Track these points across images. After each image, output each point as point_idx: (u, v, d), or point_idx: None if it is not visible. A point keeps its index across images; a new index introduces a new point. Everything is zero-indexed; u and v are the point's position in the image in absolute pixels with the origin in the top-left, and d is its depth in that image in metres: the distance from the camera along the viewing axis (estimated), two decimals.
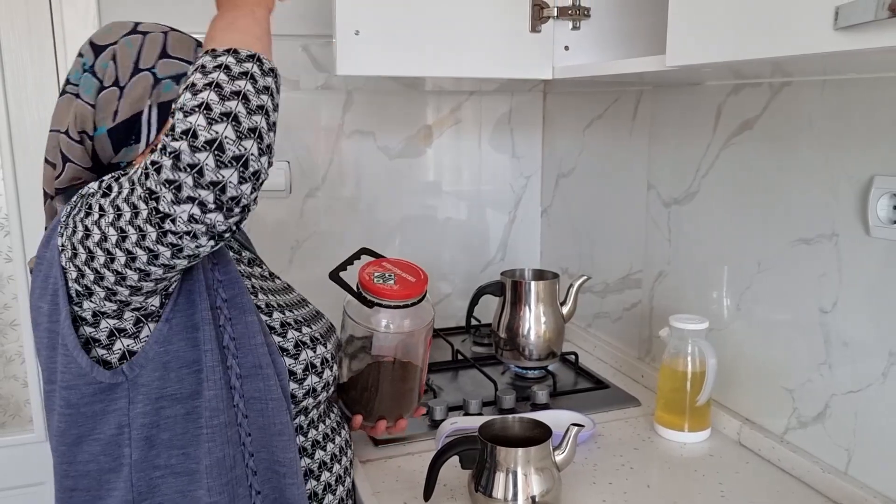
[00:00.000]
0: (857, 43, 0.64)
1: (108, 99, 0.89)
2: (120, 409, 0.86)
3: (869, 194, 0.99)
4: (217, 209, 0.73)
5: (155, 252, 0.76)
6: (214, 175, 0.71)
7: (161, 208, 0.73)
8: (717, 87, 1.25)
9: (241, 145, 0.73)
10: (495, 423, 1.06)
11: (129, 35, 0.92)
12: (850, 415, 1.05)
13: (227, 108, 0.73)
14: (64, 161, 0.91)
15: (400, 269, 1.06)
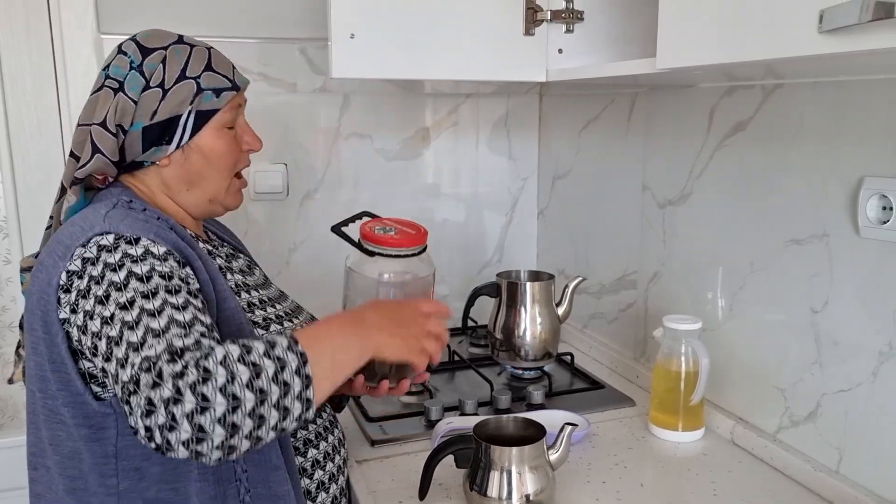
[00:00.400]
0: (841, 46, 0.65)
1: (151, 98, 0.94)
2: (107, 438, 0.86)
3: (859, 195, 1.00)
4: (151, 442, 0.71)
5: (113, 385, 0.78)
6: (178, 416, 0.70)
7: (129, 400, 0.73)
8: (711, 90, 1.27)
9: (213, 427, 0.71)
10: (490, 423, 1.07)
11: (177, 44, 0.97)
12: (840, 414, 1.06)
13: (242, 394, 0.72)
14: (93, 151, 0.93)
15: (400, 225, 1.09)
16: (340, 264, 1.65)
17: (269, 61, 1.65)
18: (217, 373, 0.72)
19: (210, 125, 0.97)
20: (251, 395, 0.72)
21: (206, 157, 0.98)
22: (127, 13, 1.55)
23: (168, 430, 0.70)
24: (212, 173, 0.99)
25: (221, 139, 0.99)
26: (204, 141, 0.98)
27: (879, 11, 0.59)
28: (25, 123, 1.53)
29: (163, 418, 0.70)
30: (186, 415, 0.70)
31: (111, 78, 0.95)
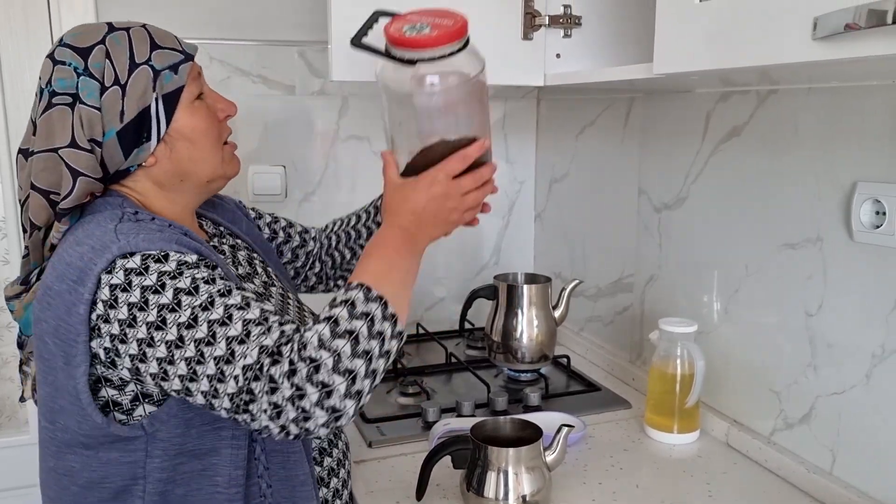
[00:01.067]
0: (834, 53, 0.66)
1: (113, 99, 0.86)
2: (136, 461, 0.85)
3: (852, 200, 1.01)
4: (287, 435, 0.77)
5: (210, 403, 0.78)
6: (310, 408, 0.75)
7: (250, 409, 0.76)
8: (706, 95, 1.28)
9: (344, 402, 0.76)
10: (487, 424, 1.08)
11: (112, 33, 0.88)
12: (834, 416, 1.07)
13: (353, 365, 0.77)
14: (74, 176, 0.85)
15: (431, 17, 0.90)
16: None
17: (268, 64, 1.66)
18: (323, 358, 0.75)
19: (181, 105, 0.90)
20: (360, 361, 0.77)
21: (189, 139, 0.91)
22: (127, 14, 1.55)
23: (303, 421, 0.76)
24: (201, 153, 0.93)
25: (197, 115, 0.92)
26: (182, 123, 0.90)
27: (872, 19, 0.61)
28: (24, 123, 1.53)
29: (294, 413, 0.75)
30: (315, 404, 0.75)
31: (59, 94, 0.85)
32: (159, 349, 0.78)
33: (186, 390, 0.79)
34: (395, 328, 0.81)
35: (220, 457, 0.87)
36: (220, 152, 0.96)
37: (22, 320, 0.94)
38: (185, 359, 0.77)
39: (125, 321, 0.78)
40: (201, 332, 0.77)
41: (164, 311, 0.78)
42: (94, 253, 0.80)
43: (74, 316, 0.79)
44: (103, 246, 0.80)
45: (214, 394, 0.77)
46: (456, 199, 0.94)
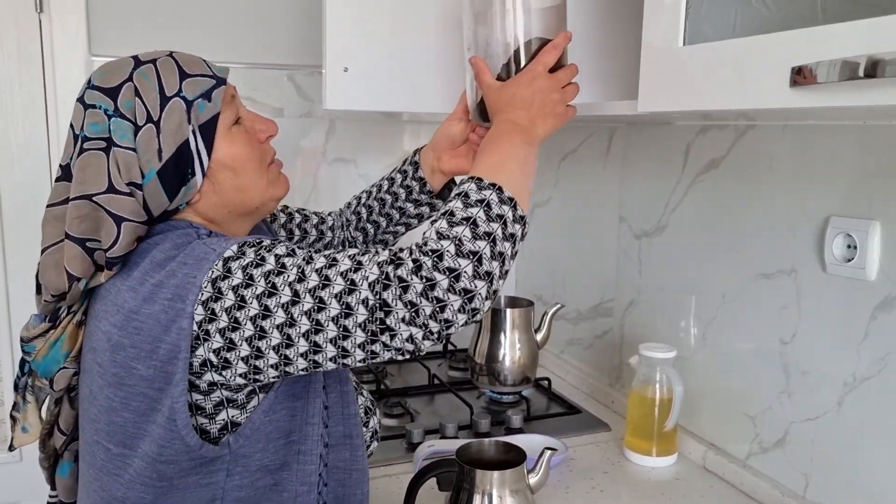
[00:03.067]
0: (810, 101, 0.70)
1: (147, 138, 0.82)
2: (216, 482, 0.84)
3: (825, 234, 1.05)
4: (430, 334, 0.76)
5: (341, 348, 0.77)
6: (443, 295, 0.74)
7: (388, 323, 0.75)
8: (687, 127, 1.32)
9: (474, 283, 0.76)
10: (472, 447, 1.10)
11: (138, 67, 0.85)
12: (807, 441, 1.10)
13: (476, 246, 0.77)
14: (118, 223, 0.81)
15: None
16: None
17: (258, 86, 1.68)
18: (444, 246, 0.76)
19: (219, 134, 0.86)
20: (483, 243, 0.77)
21: (232, 168, 0.88)
22: (118, 36, 1.57)
23: (440, 312, 0.75)
24: (246, 181, 0.90)
25: (237, 141, 0.88)
26: (222, 153, 0.87)
27: (846, 72, 0.65)
28: (12, 142, 1.54)
29: (430, 306, 0.74)
30: (447, 290, 0.74)
31: (91, 138, 0.82)
32: (277, 315, 0.76)
33: (314, 346, 0.77)
34: (515, 211, 0.81)
35: (290, 471, 0.87)
36: (265, 176, 0.93)
37: (45, 359, 0.89)
38: (306, 312, 0.76)
39: (233, 306, 0.77)
40: (313, 282, 0.76)
41: (272, 276, 0.77)
42: (190, 268, 0.79)
43: (175, 332, 0.77)
44: (198, 260, 0.79)
45: (345, 334, 0.76)
46: (558, 91, 0.97)
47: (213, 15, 1.63)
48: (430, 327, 0.75)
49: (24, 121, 1.54)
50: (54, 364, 0.90)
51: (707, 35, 0.83)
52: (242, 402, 0.83)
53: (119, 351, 0.81)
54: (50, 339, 0.89)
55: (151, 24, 1.59)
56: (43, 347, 0.88)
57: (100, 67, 0.88)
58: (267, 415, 0.84)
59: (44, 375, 0.91)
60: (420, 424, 1.36)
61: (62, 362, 0.90)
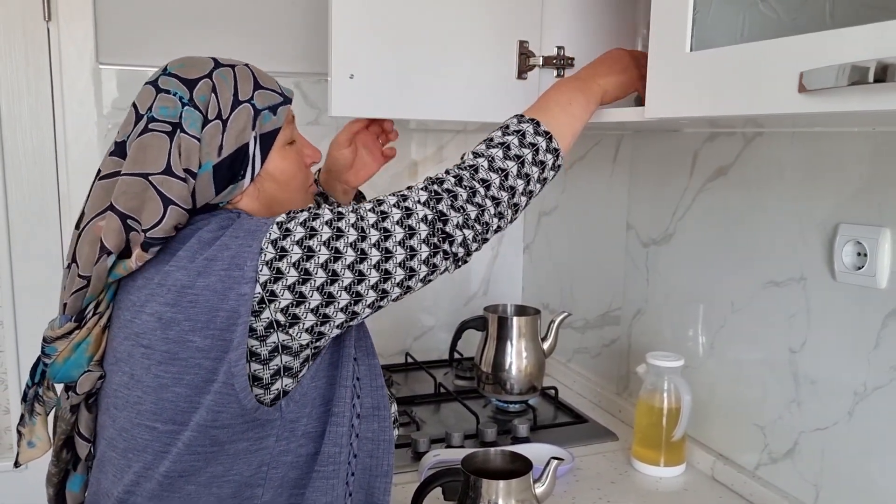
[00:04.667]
0: (819, 106, 0.69)
1: (213, 133, 0.87)
2: (266, 447, 0.86)
3: (835, 241, 1.04)
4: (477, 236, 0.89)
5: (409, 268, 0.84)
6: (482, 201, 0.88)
7: (447, 230, 0.86)
8: (694, 135, 1.32)
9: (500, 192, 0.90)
10: (478, 456, 1.09)
11: (218, 68, 0.90)
12: (817, 451, 1.09)
13: (505, 165, 0.91)
14: (165, 204, 0.84)
15: None
16: None
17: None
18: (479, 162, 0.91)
19: (275, 147, 0.92)
20: (512, 163, 0.91)
21: (278, 181, 0.93)
22: (126, 44, 1.58)
23: (482, 215, 0.88)
24: (286, 196, 0.95)
25: (288, 158, 0.94)
26: (274, 165, 0.92)
27: (855, 76, 0.64)
28: (20, 149, 1.55)
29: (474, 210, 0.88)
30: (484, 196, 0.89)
31: (159, 120, 0.86)
32: (347, 254, 0.82)
33: (384, 274, 0.84)
34: (551, 143, 0.94)
35: (327, 438, 0.90)
36: (303, 196, 0.99)
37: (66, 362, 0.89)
38: (374, 244, 0.83)
39: (301, 258, 0.81)
40: (373, 216, 0.85)
41: (334, 222, 0.83)
42: (244, 238, 0.82)
43: (233, 299, 0.80)
44: (250, 232, 0.83)
45: (412, 252, 0.84)
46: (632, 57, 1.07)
47: (219, 23, 1.64)
48: (477, 230, 0.88)
49: (31, 127, 1.55)
50: (76, 368, 0.89)
51: (714, 41, 0.83)
52: (297, 369, 0.86)
53: (172, 327, 0.82)
54: (74, 339, 0.88)
55: (158, 33, 1.59)
56: (65, 349, 0.88)
57: (180, 59, 0.92)
58: (313, 381, 0.88)
59: (62, 380, 0.90)
60: (426, 433, 1.35)
61: (85, 366, 0.90)
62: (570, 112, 0.99)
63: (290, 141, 0.95)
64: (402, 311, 1.89)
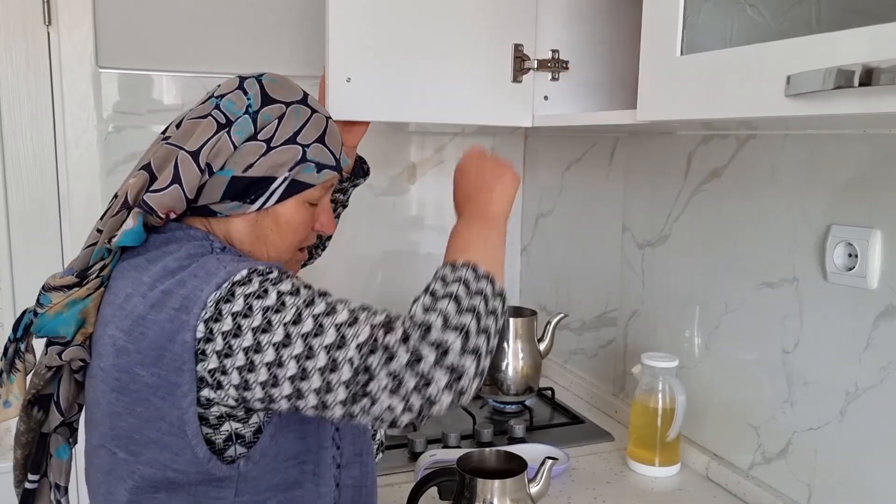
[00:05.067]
0: (806, 109, 0.70)
1: (251, 150, 0.87)
2: (225, 497, 0.84)
3: (826, 242, 1.05)
4: (411, 409, 0.74)
5: (322, 401, 0.76)
6: (429, 371, 0.73)
7: (369, 389, 0.73)
8: (688, 137, 1.33)
9: (462, 359, 0.74)
10: (473, 456, 1.10)
11: (299, 104, 0.91)
12: (810, 451, 1.10)
13: (462, 320, 0.76)
14: (173, 180, 0.85)
15: None
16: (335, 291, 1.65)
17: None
18: (432, 320, 0.75)
19: (296, 197, 0.91)
20: (468, 316, 0.76)
21: (278, 225, 0.92)
22: (126, 48, 1.59)
23: (425, 388, 0.72)
24: (279, 243, 0.93)
25: (300, 213, 0.93)
26: (284, 210, 0.91)
27: (840, 80, 0.65)
28: (20, 152, 1.56)
29: (413, 379, 0.72)
30: (434, 364, 0.73)
31: (220, 110, 0.88)
32: (267, 353, 0.76)
33: (297, 392, 0.76)
34: (494, 286, 0.81)
35: (303, 489, 0.87)
36: (290, 253, 0.96)
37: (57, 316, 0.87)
38: (295, 356, 0.76)
39: (230, 332, 0.77)
40: (307, 328, 0.76)
41: (269, 312, 0.77)
42: (199, 280, 0.79)
43: (179, 344, 0.78)
44: (208, 273, 0.80)
45: (328, 388, 0.75)
46: (492, 162, 0.98)
47: (217, 27, 1.65)
48: (412, 402, 0.73)
49: (31, 131, 1.56)
50: (63, 325, 0.87)
51: (704, 45, 0.84)
52: (243, 417, 0.83)
53: (123, 356, 0.81)
54: (72, 296, 0.87)
55: (157, 37, 1.61)
56: (60, 303, 0.87)
57: (278, 75, 0.94)
58: (274, 438, 0.84)
59: (46, 334, 0.89)
60: (422, 434, 1.36)
61: (73, 328, 0.88)
62: (493, 246, 0.89)
63: (314, 202, 0.94)
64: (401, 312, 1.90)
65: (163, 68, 1.62)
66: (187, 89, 1.64)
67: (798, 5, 0.75)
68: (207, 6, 1.64)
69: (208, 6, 1.64)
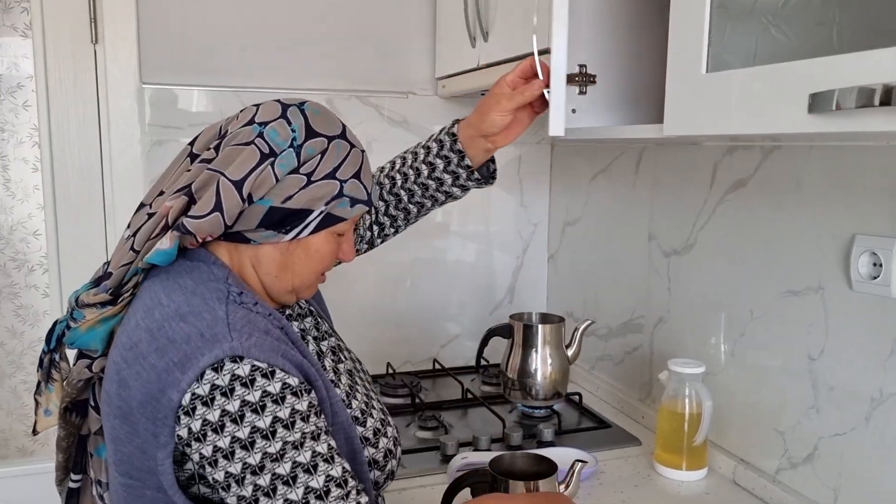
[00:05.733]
0: (828, 126, 0.73)
1: (293, 183, 0.89)
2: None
3: (851, 252, 1.07)
4: None
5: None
6: None
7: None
8: (714, 148, 1.35)
9: None
10: (504, 458, 1.13)
11: (340, 139, 0.93)
12: (836, 456, 1.12)
13: None
14: (215, 208, 0.87)
15: None
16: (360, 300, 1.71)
17: None
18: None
19: (329, 229, 0.94)
20: None
21: (308, 255, 0.95)
22: (168, 65, 1.65)
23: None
24: (305, 271, 0.96)
25: (328, 245, 0.96)
26: (315, 241, 0.94)
27: (862, 99, 0.68)
28: (69, 167, 1.62)
29: None
30: None
31: (264, 140, 0.89)
32: (235, 465, 0.78)
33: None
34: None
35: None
36: (314, 280, 0.99)
37: (89, 331, 0.91)
38: (255, 485, 0.78)
39: (212, 426, 0.78)
40: (283, 470, 0.78)
41: (257, 435, 0.78)
42: (204, 342, 0.80)
43: (167, 399, 0.79)
44: (214, 337, 0.80)
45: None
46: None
47: (255, 43, 1.71)
48: None
49: (79, 147, 1.62)
50: (95, 340, 0.91)
51: (729, 63, 0.87)
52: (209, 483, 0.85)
53: (124, 388, 0.83)
54: (105, 314, 0.90)
55: (198, 53, 1.67)
56: (93, 319, 0.90)
57: (320, 106, 0.95)
58: None
59: (79, 346, 0.92)
60: (454, 437, 1.40)
61: (103, 342, 0.91)
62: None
63: (341, 233, 0.97)
64: (429, 319, 1.94)
65: (202, 83, 1.68)
66: (225, 103, 1.69)
67: (820, 26, 0.78)
68: (245, 22, 1.69)
69: (245, 23, 1.70)
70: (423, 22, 1.83)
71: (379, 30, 1.79)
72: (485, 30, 1.49)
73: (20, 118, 2.84)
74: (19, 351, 2.89)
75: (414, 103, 1.84)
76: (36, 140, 2.79)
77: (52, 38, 1.58)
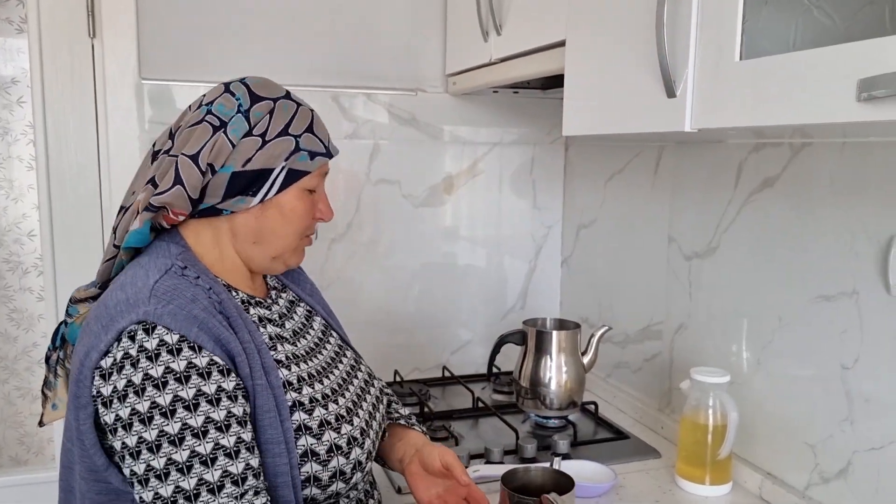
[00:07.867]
0: (878, 114, 0.67)
1: (249, 146, 0.92)
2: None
3: (889, 254, 1.01)
4: None
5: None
6: None
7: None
8: (738, 146, 1.29)
9: None
10: (518, 472, 1.07)
11: (285, 99, 0.96)
12: (873, 472, 1.05)
13: None
14: (175, 183, 0.90)
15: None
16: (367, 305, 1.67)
17: None
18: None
19: (296, 185, 0.96)
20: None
21: (283, 215, 0.96)
22: (168, 61, 1.60)
23: None
24: (283, 232, 0.97)
25: (302, 201, 0.97)
26: (286, 199, 0.96)
27: None
28: (65, 164, 1.57)
29: None
30: None
31: (213, 114, 0.93)
32: (130, 437, 0.80)
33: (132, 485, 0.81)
34: None
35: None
36: (296, 241, 1.00)
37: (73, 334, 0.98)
38: (149, 465, 0.79)
39: (117, 393, 0.81)
40: (179, 457, 0.79)
41: (156, 411, 0.80)
42: (127, 307, 0.84)
43: (89, 361, 0.83)
44: (135, 302, 0.84)
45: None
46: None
47: (258, 39, 1.66)
48: None
49: (75, 145, 1.57)
50: None
51: (765, 49, 0.81)
52: None
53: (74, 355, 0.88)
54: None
55: (199, 49, 1.61)
56: (85, 313, 0.95)
57: (259, 77, 0.99)
58: None
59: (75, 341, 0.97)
60: (465, 448, 1.34)
61: None
62: None
63: (311, 189, 0.99)
64: (438, 325, 1.88)
65: (203, 79, 1.62)
66: None
67: (870, 5, 0.72)
68: (248, 18, 1.64)
69: (249, 18, 1.64)
70: (433, 16, 1.77)
71: (386, 25, 1.74)
72: (498, 23, 1.43)
73: (15, 115, 2.79)
74: (13, 356, 2.83)
75: (423, 101, 1.78)
76: (31, 138, 2.75)
77: (49, 32, 1.52)
